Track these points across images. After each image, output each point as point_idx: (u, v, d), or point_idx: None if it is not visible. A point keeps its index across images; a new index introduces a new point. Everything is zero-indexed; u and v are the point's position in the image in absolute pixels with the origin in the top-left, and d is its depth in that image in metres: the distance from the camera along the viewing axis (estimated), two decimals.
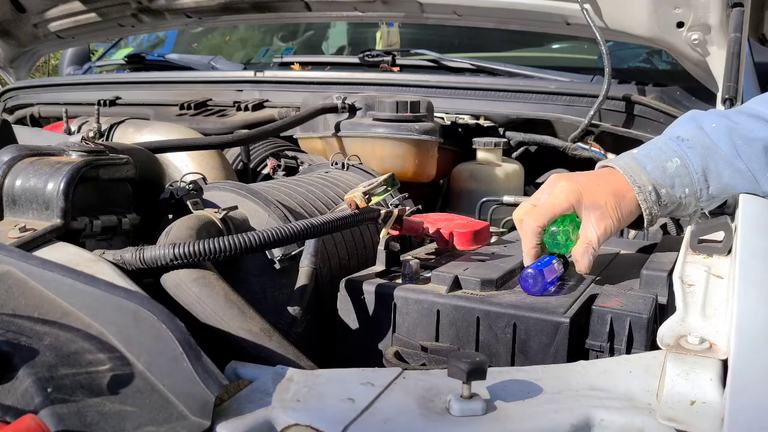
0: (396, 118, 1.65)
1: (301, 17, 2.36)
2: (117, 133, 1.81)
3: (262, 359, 0.74)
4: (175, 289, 0.83)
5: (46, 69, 6.14)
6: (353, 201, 1.00)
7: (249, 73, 2.25)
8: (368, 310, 0.96)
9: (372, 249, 1.23)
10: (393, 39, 2.69)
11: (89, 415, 0.55)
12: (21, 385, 0.56)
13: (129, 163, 1.00)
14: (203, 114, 2.04)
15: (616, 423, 0.60)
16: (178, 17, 2.41)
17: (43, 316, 0.65)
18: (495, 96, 1.92)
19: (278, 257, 1.03)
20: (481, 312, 0.89)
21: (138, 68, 2.67)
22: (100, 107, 1.94)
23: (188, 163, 1.57)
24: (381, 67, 2.23)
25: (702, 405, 0.59)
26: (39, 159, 0.94)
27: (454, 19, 2.11)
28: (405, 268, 0.98)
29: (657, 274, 0.97)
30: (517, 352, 0.87)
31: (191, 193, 1.05)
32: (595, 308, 0.88)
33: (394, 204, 1.31)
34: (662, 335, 0.67)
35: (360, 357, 0.96)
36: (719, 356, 0.62)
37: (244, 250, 0.85)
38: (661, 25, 1.71)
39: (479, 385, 0.63)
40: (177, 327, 0.62)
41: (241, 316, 0.80)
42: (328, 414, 0.60)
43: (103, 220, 0.94)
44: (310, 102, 1.79)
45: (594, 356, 0.87)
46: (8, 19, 2.41)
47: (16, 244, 0.82)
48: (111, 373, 0.60)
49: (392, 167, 1.58)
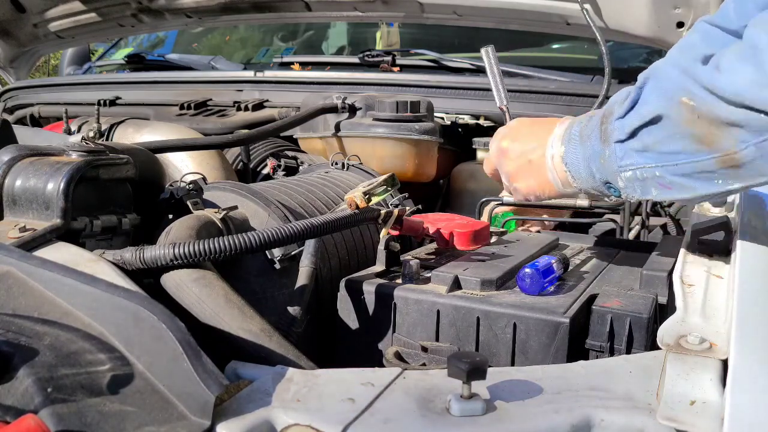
0: (396, 118, 1.65)
1: (301, 17, 2.36)
2: (117, 133, 1.81)
3: (262, 359, 0.74)
4: (175, 289, 0.83)
5: (46, 69, 6.14)
6: (353, 201, 1.00)
7: (249, 73, 2.24)
8: (368, 310, 0.96)
9: (372, 249, 1.23)
10: (393, 39, 2.69)
11: (89, 415, 0.55)
12: (21, 385, 0.56)
13: (129, 163, 1.00)
14: (203, 114, 2.05)
15: (616, 423, 0.60)
16: (178, 17, 2.41)
17: (43, 316, 0.65)
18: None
19: (278, 257, 1.03)
20: (481, 312, 0.89)
21: (138, 68, 2.67)
22: (100, 107, 1.94)
23: (188, 163, 1.57)
24: (381, 67, 2.23)
25: (702, 405, 0.59)
26: (39, 159, 0.94)
27: (454, 19, 2.11)
28: (405, 268, 0.98)
29: (657, 274, 0.97)
30: (517, 352, 0.87)
31: (191, 193, 1.05)
32: (595, 308, 0.88)
33: (394, 204, 1.31)
34: (662, 335, 0.67)
35: (360, 357, 0.96)
36: (719, 356, 0.63)
37: (244, 250, 0.85)
38: (661, 25, 1.71)
39: (479, 385, 0.63)
40: (177, 327, 0.62)
41: (241, 316, 0.80)
42: (328, 414, 0.60)
43: (103, 220, 0.94)
44: (310, 102, 1.79)
45: (594, 356, 0.87)
46: (8, 19, 2.41)
47: (16, 244, 0.82)
48: (111, 373, 0.60)
49: (392, 167, 1.58)
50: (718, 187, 0.73)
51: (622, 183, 0.82)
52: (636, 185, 0.80)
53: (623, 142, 0.79)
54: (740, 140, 0.69)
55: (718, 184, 0.73)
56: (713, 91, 0.70)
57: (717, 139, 0.70)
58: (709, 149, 0.71)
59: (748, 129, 0.68)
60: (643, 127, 0.77)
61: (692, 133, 0.72)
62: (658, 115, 0.75)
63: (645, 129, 0.77)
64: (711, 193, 0.75)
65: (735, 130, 0.69)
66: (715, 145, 0.71)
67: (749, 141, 0.68)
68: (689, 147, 0.73)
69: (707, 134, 0.71)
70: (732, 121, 0.69)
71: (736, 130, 0.69)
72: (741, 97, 0.68)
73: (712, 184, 0.73)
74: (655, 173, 0.77)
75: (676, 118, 0.73)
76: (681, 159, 0.74)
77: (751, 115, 0.67)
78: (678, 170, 0.75)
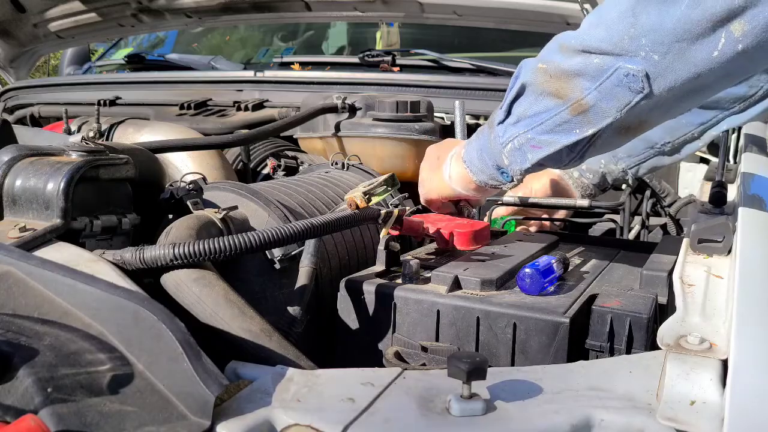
0: (396, 118, 1.65)
1: (301, 17, 2.36)
2: (117, 133, 1.81)
3: (262, 359, 0.74)
4: (175, 289, 0.83)
5: (46, 69, 6.14)
6: (353, 201, 1.00)
7: (249, 73, 2.24)
8: (368, 310, 0.96)
9: (372, 249, 1.23)
10: (393, 39, 2.69)
11: (89, 415, 0.55)
12: (21, 385, 0.56)
13: (129, 163, 1.00)
14: (203, 114, 2.04)
15: (616, 423, 0.60)
16: (178, 17, 2.41)
17: (43, 316, 0.65)
18: (495, 96, 1.91)
19: (278, 257, 1.02)
20: (481, 312, 0.89)
21: (138, 68, 2.66)
22: (100, 107, 1.94)
23: (188, 163, 1.57)
24: (381, 67, 2.23)
25: (702, 405, 0.59)
26: (39, 159, 0.94)
27: (454, 19, 2.11)
28: (405, 268, 0.98)
29: (657, 274, 0.97)
30: (517, 352, 0.87)
31: (191, 193, 1.05)
32: (595, 308, 0.88)
33: (394, 204, 1.31)
34: (662, 335, 0.67)
35: (360, 357, 0.96)
36: (719, 356, 0.62)
37: (244, 250, 0.85)
38: None
39: (479, 385, 0.63)
40: (177, 327, 0.62)
41: (241, 316, 0.80)
42: (328, 414, 0.60)
43: (103, 220, 0.94)
44: (310, 102, 1.79)
45: (594, 356, 0.87)
46: (8, 19, 2.41)
47: (16, 244, 0.82)
48: (111, 373, 0.60)
49: (392, 167, 1.58)
50: (576, 136, 0.84)
51: (506, 160, 0.93)
52: (516, 155, 0.92)
53: (503, 122, 0.92)
54: (584, 88, 0.80)
55: (576, 133, 0.84)
56: (561, 49, 0.82)
57: (567, 91, 0.82)
58: (563, 101, 0.83)
59: (587, 77, 0.80)
60: (514, 101, 0.90)
61: (548, 90, 0.84)
62: (522, 85, 0.88)
63: (516, 102, 0.90)
64: (573, 142, 0.85)
65: (578, 79, 0.81)
66: (567, 96, 0.82)
67: (590, 87, 0.80)
68: (548, 103, 0.85)
69: (559, 89, 0.83)
70: (574, 71, 0.80)
71: (579, 79, 0.80)
72: (580, 41, 0.80)
73: (571, 134, 0.84)
74: (528, 137, 0.88)
75: (535, 82, 0.86)
76: (544, 117, 0.86)
77: (588, 59, 0.79)
78: (543, 128, 0.86)
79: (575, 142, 0.85)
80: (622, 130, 0.84)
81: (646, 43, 0.74)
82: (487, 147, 0.96)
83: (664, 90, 0.76)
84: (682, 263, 0.85)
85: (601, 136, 0.84)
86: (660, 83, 0.76)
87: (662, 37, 0.73)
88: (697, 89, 0.77)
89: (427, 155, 1.19)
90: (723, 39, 0.71)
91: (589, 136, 0.83)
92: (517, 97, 0.89)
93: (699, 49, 0.72)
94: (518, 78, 0.89)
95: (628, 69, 0.76)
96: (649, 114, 0.81)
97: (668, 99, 0.78)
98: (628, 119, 0.81)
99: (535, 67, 0.86)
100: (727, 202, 1.05)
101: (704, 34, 0.71)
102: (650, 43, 0.74)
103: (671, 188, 1.76)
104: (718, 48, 0.71)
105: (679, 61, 0.74)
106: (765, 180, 1.11)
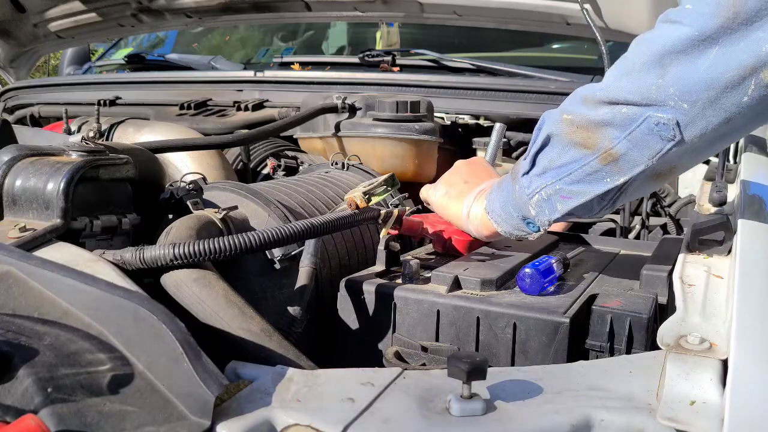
0: (396, 118, 1.65)
1: (301, 17, 2.36)
2: (117, 133, 1.81)
3: (262, 359, 0.74)
4: (175, 289, 0.83)
5: (46, 69, 6.14)
6: (353, 201, 1.00)
7: (249, 73, 2.24)
8: (368, 310, 0.96)
9: (372, 249, 1.23)
10: (393, 39, 2.69)
11: (89, 415, 0.55)
12: (21, 385, 0.56)
13: (129, 163, 1.00)
14: (203, 114, 2.04)
15: (616, 423, 0.60)
16: (178, 17, 2.41)
17: (43, 316, 0.65)
18: (495, 96, 1.91)
19: (278, 257, 1.02)
20: (481, 312, 0.89)
21: (138, 68, 2.66)
22: (100, 107, 1.94)
23: (188, 163, 1.57)
24: (381, 67, 2.23)
25: (702, 405, 0.59)
26: (39, 159, 0.94)
27: (454, 19, 2.11)
28: (405, 268, 0.98)
29: (657, 274, 0.97)
30: (517, 352, 0.87)
31: (191, 193, 1.05)
32: (595, 308, 0.88)
33: (394, 204, 1.31)
34: (662, 335, 0.67)
35: (360, 357, 0.96)
36: (719, 356, 0.62)
37: (244, 250, 0.85)
38: None
39: (479, 385, 0.63)
40: (177, 327, 0.62)
41: (241, 316, 0.80)
42: (328, 414, 0.60)
43: (103, 220, 0.94)
44: (310, 102, 1.79)
45: (594, 356, 0.87)
46: (8, 19, 2.41)
47: (16, 244, 0.82)
48: (111, 373, 0.60)
49: (392, 167, 1.58)
50: (607, 185, 0.83)
51: (533, 210, 0.90)
52: (544, 206, 0.89)
53: (527, 173, 0.90)
54: (613, 137, 0.79)
55: (607, 182, 0.83)
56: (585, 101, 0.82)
57: (595, 141, 0.81)
58: (592, 151, 0.82)
59: (616, 126, 0.79)
60: (539, 152, 0.88)
61: (575, 141, 0.83)
62: (548, 136, 0.86)
63: (541, 153, 0.88)
64: (604, 191, 0.83)
65: (607, 129, 0.80)
66: (596, 146, 0.81)
67: (620, 136, 0.79)
68: (576, 154, 0.83)
69: (586, 139, 0.82)
70: (602, 121, 0.80)
71: (607, 129, 0.80)
72: (607, 93, 0.79)
73: (602, 183, 0.83)
74: (556, 188, 0.86)
75: (560, 132, 0.84)
76: (573, 167, 0.84)
77: (615, 110, 0.78)
78: (572, 178, 0.85)
79: (606, 191, 0.83)
80: (654, 177, 0.83)
81: (675, 93, 0.74)
82: (512, 198, 0.93)
83: (695, 136, 0.76)
84: (682, 263, 0.85)
85: (632, 183, 0.83)
86: (691, 130, 0.76)
87: (691, 87, 0.73)
88: (728, 133, 0.77)
89: (454, 171, 1.12)
90: (753, 86, 0.71)
91: (620, 185, 0.82)
92: (542, 147, 0.87)
93: (729, 96, 0.72)
94: (542, 129, 0.88)
95: (658, 118, 0.76)
96: (680, 159, 0.80)
97: (700, 144, 0.77)
98: (659, 166, 0.80)
99: (560, 119, 0.84)
100: (727, 201, 1.05)
101: (733, 83, 0.71)
102: (679, 92, 0.74)
103: (671, 188, 1.76)
104: (748, 93, 0.71)
105: (710, 108, 0.74)
106: (765, 180, 1.11)
